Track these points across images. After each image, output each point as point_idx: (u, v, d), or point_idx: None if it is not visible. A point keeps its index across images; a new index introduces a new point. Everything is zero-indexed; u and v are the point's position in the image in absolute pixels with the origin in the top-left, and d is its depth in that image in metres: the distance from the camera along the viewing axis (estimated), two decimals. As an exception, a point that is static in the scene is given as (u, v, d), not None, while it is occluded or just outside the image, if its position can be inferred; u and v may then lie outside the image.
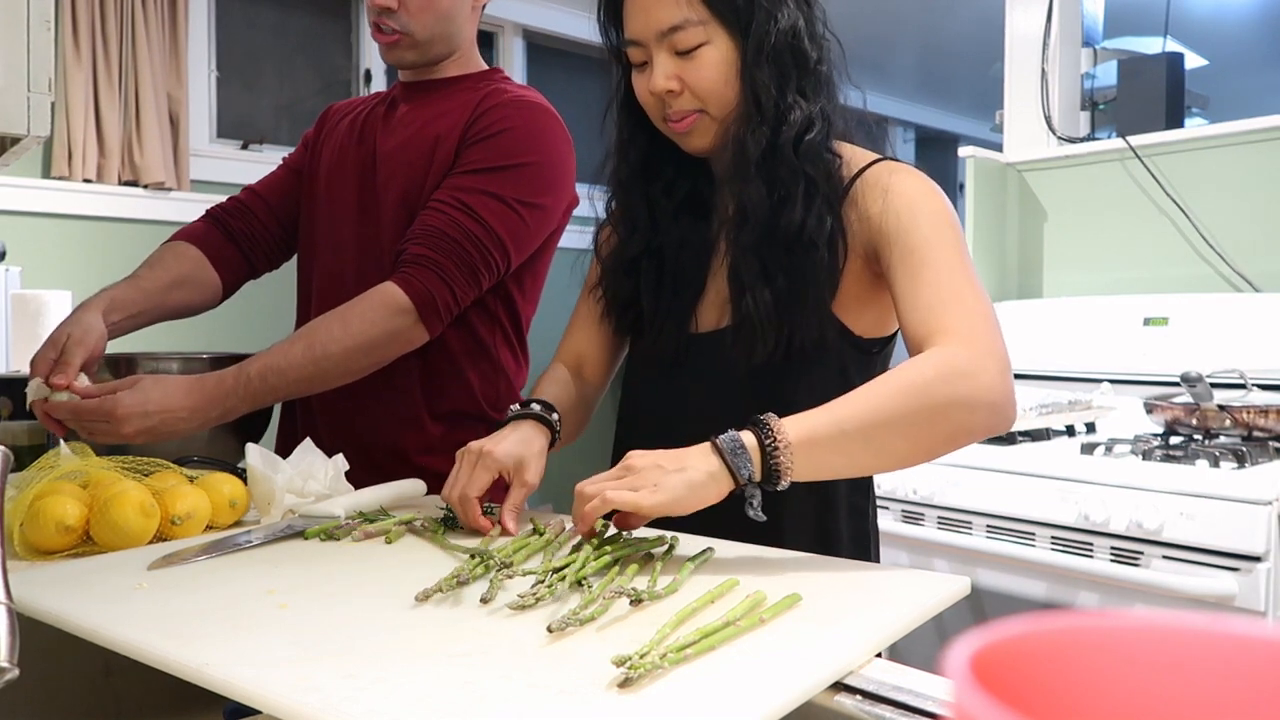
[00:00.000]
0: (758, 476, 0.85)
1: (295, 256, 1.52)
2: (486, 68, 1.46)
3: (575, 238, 1.40)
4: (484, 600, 0.75)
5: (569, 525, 0.98)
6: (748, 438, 0.86)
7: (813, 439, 0.86)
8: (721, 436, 0.86)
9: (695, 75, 1.02)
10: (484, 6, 1.44)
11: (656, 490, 0.84)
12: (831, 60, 1.06)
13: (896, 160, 1.08)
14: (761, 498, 0.87)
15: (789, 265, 1.01)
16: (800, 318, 1.02)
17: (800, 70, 1.03)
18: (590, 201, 1.21)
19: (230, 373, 1.18)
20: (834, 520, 1.10)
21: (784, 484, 0.86)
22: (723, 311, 1.10)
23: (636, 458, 0.88)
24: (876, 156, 1.07)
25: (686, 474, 0.85)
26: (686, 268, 1.12)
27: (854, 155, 1.07)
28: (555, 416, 1.08)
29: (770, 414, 0.87)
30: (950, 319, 0.93)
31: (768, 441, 0.85)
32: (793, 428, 0.86)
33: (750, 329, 1.02)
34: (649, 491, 0.84)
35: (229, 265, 1.46)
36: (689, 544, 0.93)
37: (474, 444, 1.01)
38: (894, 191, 1.01)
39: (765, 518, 0.86)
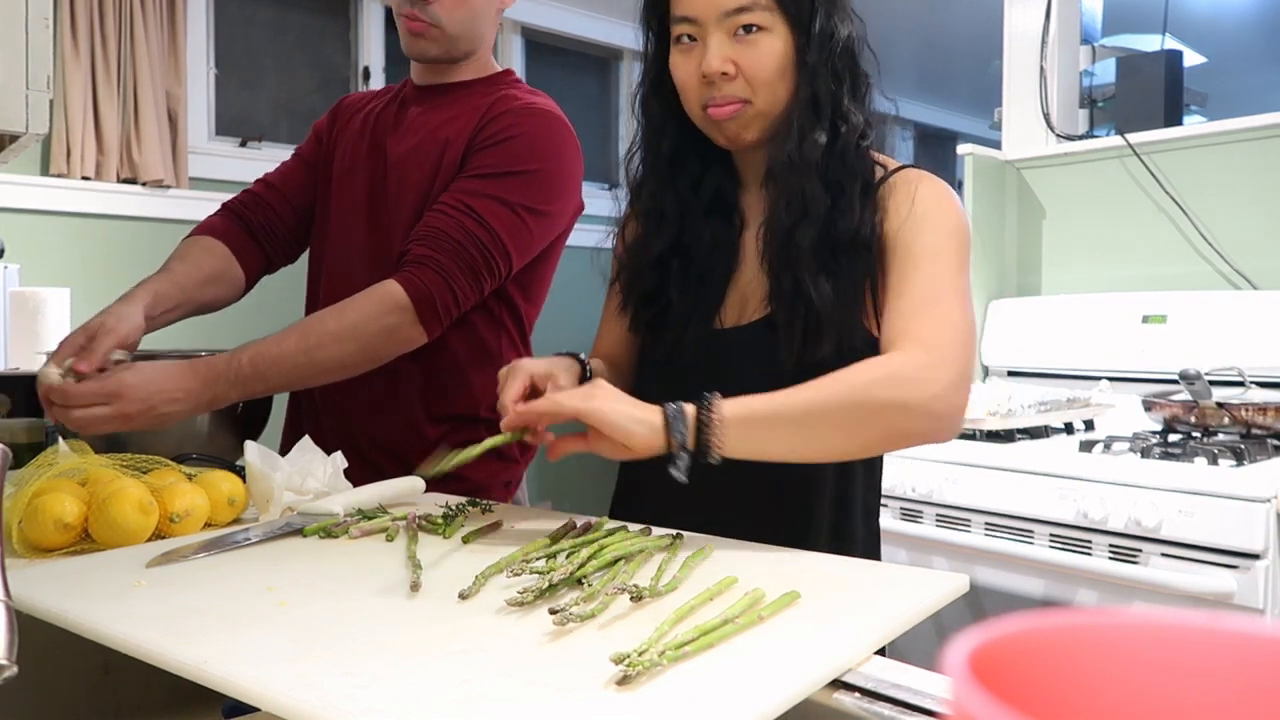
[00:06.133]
0: (690, 444, 0.91)
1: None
2: (499, 70, 1.45)
3: (584, 235, 1.39)
4: (463, 596, 0.75)
5: (579, 522, 0.98)
6: (689, 409, 0.91)
7: (747, 419, 0.91)
8: (670, 404, 0.92)
9: (752, 61, 1.01)
10: (503, 12, 1.43)
11: (590, 399, 0.91)
12: (870, 74, 1.09)
13: (919, 169, 1.09)
14: (706, 471, 0.92)
15: (843, 269, 1.02)
16: (854, 321, 1.03)
17: (854, 79, 1.05)
18: (603, 200, 1.22)
19: (221, 358, 1.16)
20: (850, 520, 1.10)
21: (714, 458, 0.91)
22: (743, 312, 1.10)
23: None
24: (902, 164, 1.08)
25: (631, 410, 0.91)
26: (712, 267, 1.12)
27: (881, 160, 1.09)
28: (582, 355, 1.09)
29: (717, 393, 0.92)
30: (919, 326, 0.96)
31: (704, 416, 0.90)
32: (730, 407, 0.91)
33: (806, 322, 1.02)
34: (583, 398, 0.91)
35: (251, 260, 1.45)
36: (688, 542, 0.93)
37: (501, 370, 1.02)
38: (919, 201, 1.03)
39: (686, 480, 0.90)
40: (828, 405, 0.92)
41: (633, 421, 0.90)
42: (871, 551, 1.13)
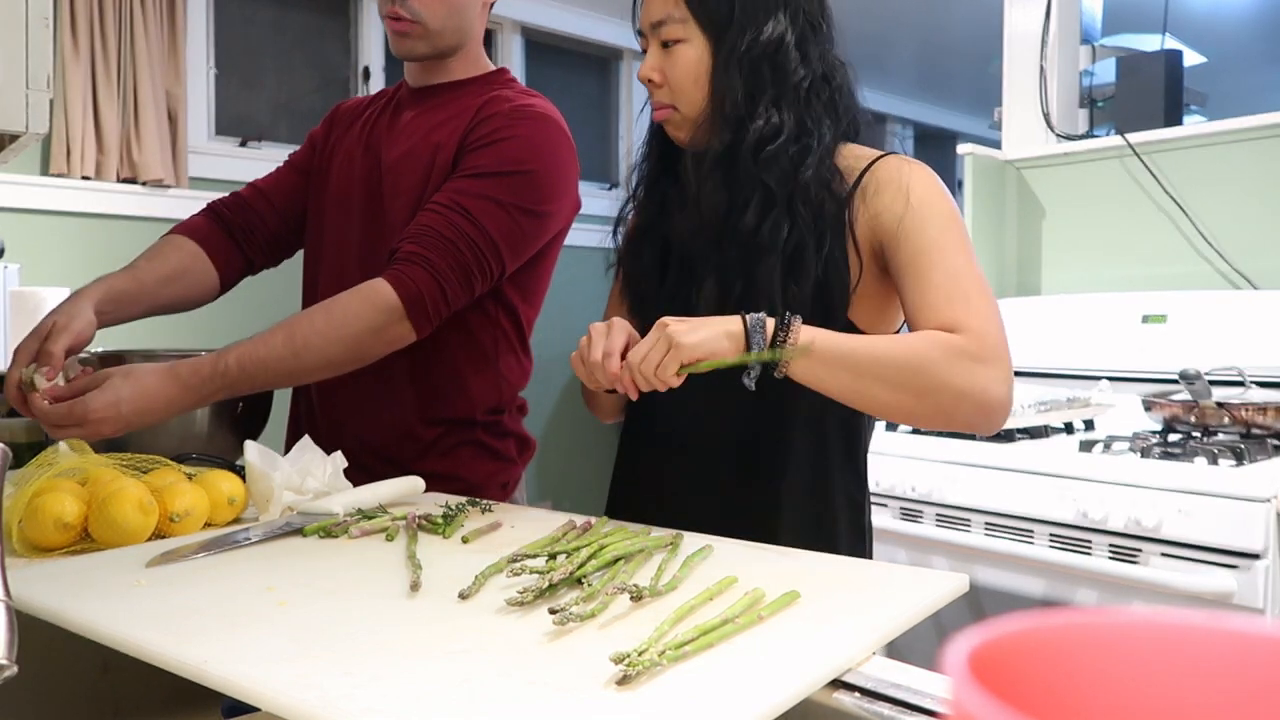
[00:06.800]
0: (766, 355, 0.95)
1: (301, 259, 1.51)
2: (492, 69, 1.44)
3: (584, 235, 1.39)
4: (463, 596, 0.75)
5: (579, 522, 0.99)
6: (769, 323, 0.96)
7: (815, 351, 0.96)
8: (752, 315, 0.96)
9: (672, 69, 1.08)
10: (492, 5, 1.43)
11: (683, 336, 0.94)
12: (837, 83, 1.09)
13: (900, 155, 1.10)
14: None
15: (743, 268, 1.06)
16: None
17: (778, 82, 1.05)
18: (602, 199, 1.23)
19: (207, 361, 1.15)
20: (830, 511, 1.12)
21: (780, 373, 0.96)
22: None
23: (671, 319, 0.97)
24: (878, 154, 1.09)
25: (711, 330, 0.95)
26: (692, 257, 1.14)
27: (860, 153, 1.09)
28: None
29: (798, 316, 0.97)
30: (962, 315, 0.98)
31: (781, 334, 0.95)
32: (805, 334, 0.96)
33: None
34: (678, 338, 0.94)
35: (227, 260, 1.45)
36: (689, 542, 0.93)
37: (596, 324, 1.03)
38: (913, 192, 1.04)
39: (754, 389, 0.97)
40: (889, 366, 0.96)
41: (718, 339, 0.94)
42: (858, 548, 1.13)
